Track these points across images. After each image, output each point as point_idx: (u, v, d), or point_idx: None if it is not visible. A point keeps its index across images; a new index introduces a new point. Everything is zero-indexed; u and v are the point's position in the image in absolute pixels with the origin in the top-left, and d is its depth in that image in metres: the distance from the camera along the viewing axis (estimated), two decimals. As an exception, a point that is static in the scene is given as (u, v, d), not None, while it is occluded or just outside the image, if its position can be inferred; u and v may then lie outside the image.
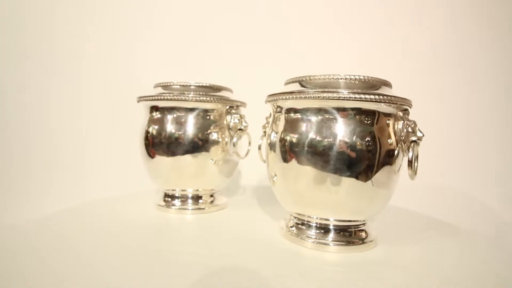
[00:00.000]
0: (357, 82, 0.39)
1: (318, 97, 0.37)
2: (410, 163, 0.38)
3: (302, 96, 0.38)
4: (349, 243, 0.41)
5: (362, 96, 0.37)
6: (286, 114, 0.42)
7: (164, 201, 0.56)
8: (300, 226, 0.43)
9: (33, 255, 0.37)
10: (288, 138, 0.41)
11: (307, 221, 0.43)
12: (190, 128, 0.51)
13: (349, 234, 0.42)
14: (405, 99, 0.39)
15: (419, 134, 0.38)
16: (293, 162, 0.40)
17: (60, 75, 0.85)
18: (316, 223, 0.42)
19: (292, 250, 0.41)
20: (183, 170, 0.52)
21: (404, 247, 0.43)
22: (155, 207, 0.57)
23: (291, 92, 0.40)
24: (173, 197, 0.56)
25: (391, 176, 0.40)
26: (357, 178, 0.38)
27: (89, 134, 0.87)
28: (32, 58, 0.83)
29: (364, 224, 0.43)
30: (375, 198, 0.40)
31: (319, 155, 0.38)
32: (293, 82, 0.43)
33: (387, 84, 0.42)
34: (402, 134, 0.40)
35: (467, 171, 0.86)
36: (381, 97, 0.37)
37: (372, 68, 0.88)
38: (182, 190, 0.55)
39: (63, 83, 0.85)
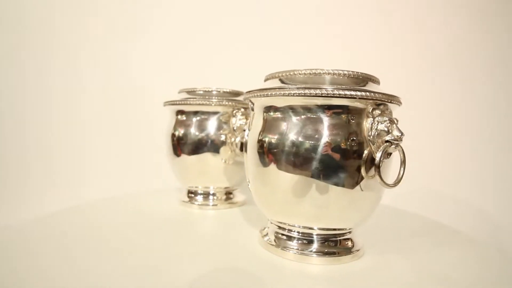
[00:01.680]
0: (342, 77, 0.36)
1: (299, 94, 0.33)
2: (377, 168, 0.33)
3: (281, 93, 0.35)
4: (334, 253, 0.38)
5: (347, 92, 0.33)
6: (265, 113, 0.38)
7: (188, 197, 0.61)
8: (280, 235, 0.40)
9: (33, 256, 0.37)
10: (267, 139, 0.37)
11: (288, 230, 0.39)
12: (213, 130, 0.56)
13: (334, 244, 0.38)
14: (394, 96, 0.36)
15: (395, 133, 0.33)
16: (272, 166, 0.36)
17: (60, 75, 0.84)
18: (298, 232, 0.39)
19: (272, 262, 0.37)
20: (204, 168, 0.57)
21: (393, 255, 0.40)
22: (178, 203, 0.61)
23: (269, 89, 0.36)
24: (195, 193, 0.60)
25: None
26: (344, 182, 0.34)
27: (88, 134, 0.87)
28: (31, 58, 0.81)
29: (350, 232, 0.39)
30: (363, 203, 0.37)
31: (302, 158, 0.34)
32: (273, 78, 0.40)
33: (374, 80, 0.38)
34: (370, 133, 0.34)
35: (460, 173, 0.85)
36: (371, 94, 0.34)
37: (360, 64, 0.86)
38: (205, 187, 0.60)
39: (63, 83, 0.84)
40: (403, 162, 0.35)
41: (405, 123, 0.41)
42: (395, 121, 0.34)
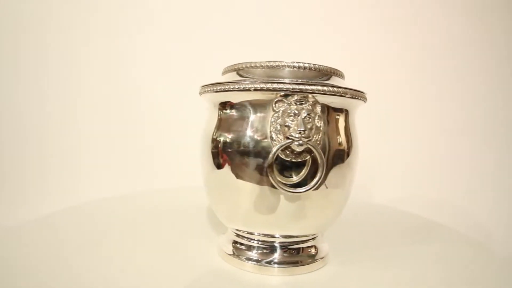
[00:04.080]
0: (303, 70, 0.33)
1: (256, 88, 0.30)
2: (270, 168, 0.29)
3: (236, 87, 0.31)
4: (296, 262, 0.34)
5: (309, 87, 0.30)
6: (219, 110, 0.34)
7: None
8: (239, 245, 0.36)
9: (32, 256, 0.36)
10: (221, 139, 0.33)
11: (248, 238, 0.36)
12: None
13: (297, 252, 0.35)
14: (359, 91, 0.34)
15: (299, 129, 0.28)
16: (227, 168, 0.32)
17: (57, 74, 0.83)
18: (258, 241, 0.35)
19: (229, 275, 0.34)
20: None
21: (360, 263, 0.38)
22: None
23: (223, 83, 0.32)
24: None
25: (345, 179, 0.34)
26: (306, 183, 0.31)
27: (88, 133, 0.85)
28: (28, 57, 0.80)
29: (314, 238, 0.37)
30: (329, 206, 0.34)
31: (259, 158, 0.31)
32: (230, 71, 0.36)
33: (338, 74, 0.36)
34: (272, 128, 0.30)
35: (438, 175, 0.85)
36: (334, 89, 0.31)
37: (359, 64, 0.85)
38: None
39: (60, 82, 0.82)
40: (320, 165, 0.29)
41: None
42: (304, 114, 0.29)
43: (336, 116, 0.33)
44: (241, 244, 0.36)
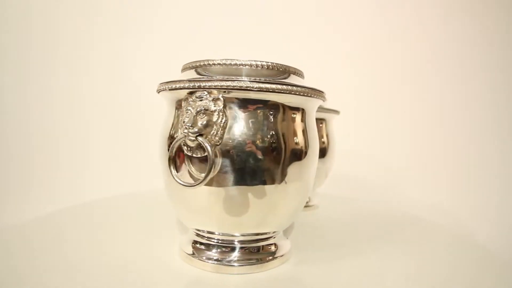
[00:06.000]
0: (260, 69, 0.33)
1: (210, 86, 0.30)
2: (171, 161, 0.31)
3: (191, 85, 0.30)
4: (256, 260, 0.34)
5: (207, 84, 0.30)
6: (176, 108, 0.34)
7: None
8: (198, 245, 0.36)
9: (33, 255, 0.36)
10: (177, 136, 0.32)
11: (208, 238, 0.35)
12: None
13: (257, 250, 0.35)
14: (316, 90, 0.34)
15: (186, 124, 0.29)
16: (184, 166, 0.32)
17: (61, 74, 0.84)
18: (218, 240, 0.35)
19: (189, 275, 0.33)
20: None
21: (322, 259, 0.38)
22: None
23: (177, 81, 0.31)
24: None
25: (302, 176, 0.34)
26: (265, 181, 0.31)
27: (89, 133, 0.86)
28: (32, 57, 0.81)
29: (274, 237, 0.37)
30: (286, 203, 0.34)
31: (237, 158, 0.31)
32: (189, 68, 0.35)
33: (297, 73, 0.36)
34: (176, 125, 0.33)
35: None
36: (288, 87, 0.31)
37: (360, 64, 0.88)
38: None
39: (63, 82, 0.83)
40: (209, 160, 0.29)
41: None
42: (197, 109, 0.30)
43: (292, 115, 0.33)
44: (201, 243, 0.36)
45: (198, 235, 0.36)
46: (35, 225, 0.46)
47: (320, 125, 0.58)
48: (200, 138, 0.29)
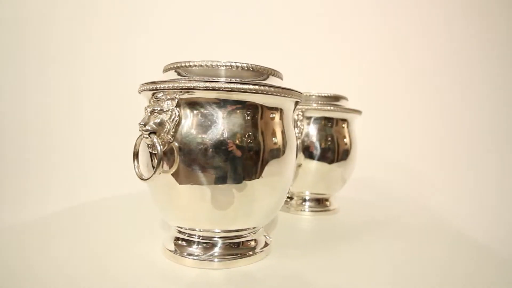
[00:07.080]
0: (240, 70, 0.34)
1: (188, 87, 0.31)
2: (135, 156, 0.34)
3: (171, 86, 0.31)
4: (236, 255, 0.36)
5: (201, 85, 0.31)
6: (158, 108, 0.35)
7: None
8: (180, 242, 0.37)
9: (33, 256, 0.36)
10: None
11: (189, 234, 0.36)
12: None
13: (237, 245, 0.36)
14: (293, 90, 0.35)
15: (139, 122, 0.31)
16: (165, 165, 0.33)
17: (59, 73, 0.83)
18: (199, 236, 0.36)
19: (171, 271, 0.34)
20: None
21: (300, 255, 0.40)
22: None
23: (157, 82, 0.32)
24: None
25: (281, 173, 0.35)
26: (244, 178, 0.32)
27: (88, 134, 0.86)
28: (30, 56, 0.81)
29: (254, 232, 0.38)
30: (266, 199, 0.35)
31: (196, 156, 0.32)
32: (170, 69, 0.36)
33: (276, 74, 0.37)
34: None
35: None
36: (266, 88, 0.32)
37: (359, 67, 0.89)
38: None
39: (62, 81, 0.83)
40: (157, 156, 0.31)
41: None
42: (153, 108, 0.31)
43: (271, 115, 0.35)
44: (183, 240, 0.36)
45: (180, 232, 0.37)
46: (35, 225, 0.46)
47: (343, 126, 0.56)
48: (152, 136, 0.31)
